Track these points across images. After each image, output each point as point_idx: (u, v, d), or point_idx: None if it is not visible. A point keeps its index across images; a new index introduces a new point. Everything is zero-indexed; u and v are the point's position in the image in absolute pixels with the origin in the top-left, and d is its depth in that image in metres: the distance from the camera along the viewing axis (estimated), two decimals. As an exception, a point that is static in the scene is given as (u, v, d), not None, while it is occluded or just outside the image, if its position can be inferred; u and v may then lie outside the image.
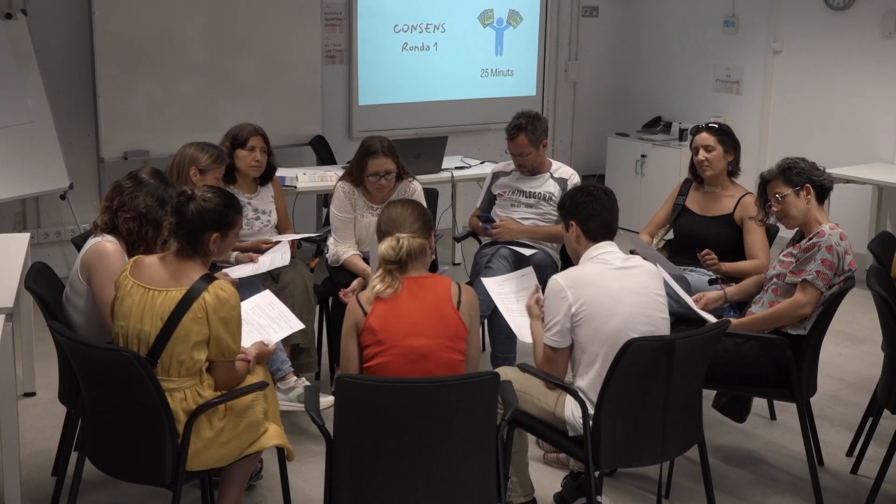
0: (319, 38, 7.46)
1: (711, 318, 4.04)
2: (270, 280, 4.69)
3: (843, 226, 4.02)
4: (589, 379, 3.42)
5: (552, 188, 5.07)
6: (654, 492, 3.95)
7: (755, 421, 4.68)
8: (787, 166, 4.04)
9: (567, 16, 8.85)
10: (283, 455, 3.45)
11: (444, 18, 8.12)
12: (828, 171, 4.19)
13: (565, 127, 9.05)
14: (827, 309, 3.93)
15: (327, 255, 4.93)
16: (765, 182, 4.10)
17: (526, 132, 5.03)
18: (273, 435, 3.39)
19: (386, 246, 3.29)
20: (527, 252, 4.98)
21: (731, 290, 4.33)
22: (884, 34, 7.27)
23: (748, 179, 5.24)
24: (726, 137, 4.78)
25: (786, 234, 4.33)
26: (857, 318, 5.81)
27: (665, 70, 8.83)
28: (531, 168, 5.15)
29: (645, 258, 4.15)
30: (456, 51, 8.23)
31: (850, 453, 4.42)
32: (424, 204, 4.44)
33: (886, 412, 4.03)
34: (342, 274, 4.80)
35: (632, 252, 4.34)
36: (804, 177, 4.00)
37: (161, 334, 3.17)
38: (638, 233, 5.01)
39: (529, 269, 4.33)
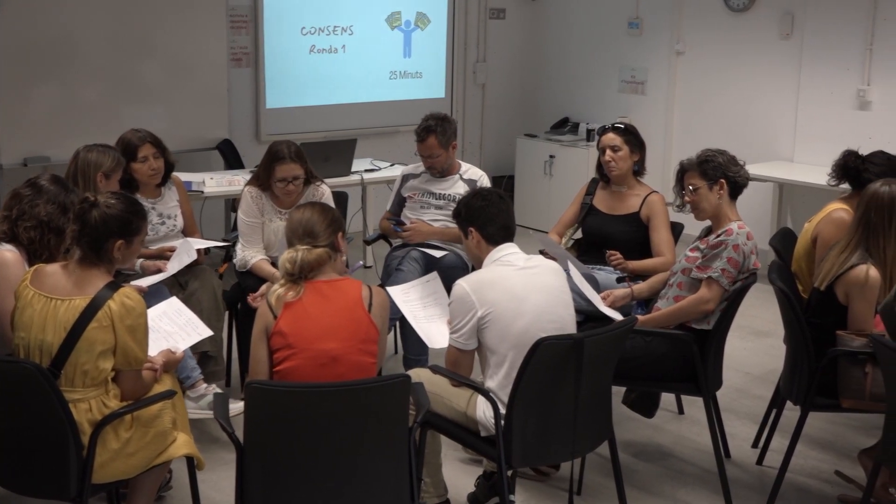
0: (225, 41, 7.37)
1: (618, 316, 4.10)
2: (178, 287, 4.61)
3: (745, 222, 4.11)
4: (499, 379, 3.44)
5: (462, 190, 5.08)
6: (566, 489, 3.98)
7: (664, 416, 4.76)
8: (705, 159, 4.09)
9: (475, 18, 8.90)
10: (192, 464, 3.40)
11: (351, 21, 8.09)
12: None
13: (474, 128, 9.10)
14: (731, 304, 4.01)
15: (235, 261, 4.87)
16: (683, 171, 4.16)
17: (435, 134, 5.05)
18: (182, 444, 3.34)
19: (284, 258, 3.29)
20: (437, 254, 4.99)
21: (639, 287, 4.40)
22: (781, 35, 7.47)
23: (654, 178, 5.35)
24: (632, 137, 4.85)
25: (692, 231, 4.42)
26: (760, 312, 5.96)
27: (572, 71, 8.93)
28: (441, 170, 5.16)
29: (554, 258, 4.21)
30: (364, 53, 8.21)
31: (755, 445, 4.52)
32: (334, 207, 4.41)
33: (789, 404, 4.14)
34: (250, 279, 4.74)
35: (541, 252, 4.40)
36: (720, 171, 4.06)
37: (64, 344, 3.10)
38: (547, 233, 5.05)
39: (434, 275, 4.33)
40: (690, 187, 4.08)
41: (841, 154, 4.56)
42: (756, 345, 5.84)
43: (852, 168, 4.47)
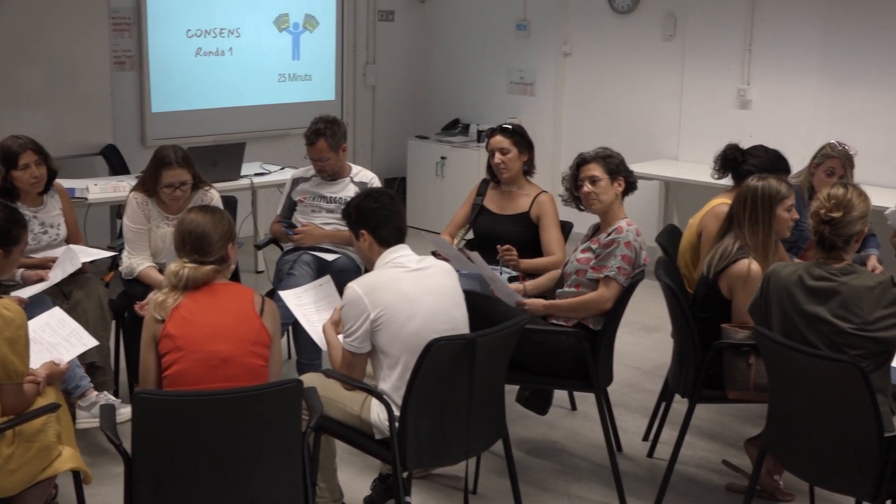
0: (107, 43, 7.20)
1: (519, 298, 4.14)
2: (62, 297, 4.48)
3: (633, 220, 4.19)
4: (392, 381, 3.43)
5: (353, 192, 5.05)
6: (462, 488, 4.00)
7: (557, 412, 4.82)
8: (608, 154, 4.16)
9: (363, 20, 8.87)
10: (79, 479, 3.31)
11: (238, 23, 7.99)
12: None
13: (365, 131, 9.07)
14: (620, 301, 4.08)
15: (121, 269, 4.76)
16: (583, 161, 4.17)
17: (325, 137, 5.02)
18: (67, 458, 3.25)
19: (170, 271, 3.24)
20: (329, 257, 4.96)
21: (530, 284, 4.44)
22: (665, 36, 7.64)
23: (543, 178, 5.40)
24: (520, 139, 4.89)
25: (581, 229, 4.48)
26: (648, 308, 6.08)
27: (462, 73, 8.98)
28: (331, 173, 5.13)
29: (447, 258, 4.23)
30: (252, 56, 8.11)
31: (646, 438, 4.61)
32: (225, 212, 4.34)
33: (678, 396, 4.23)
34: (137, 287, 4.64)
35: (433, 253, 4.40)
36: (621, 169, 4.14)
37: (-60, 358, 2.98)
38: (439, 233, 5.06)
39: (327, 278, 4.30)
40: (593, 176, 4.11)
41: (724, 147, 4.69)
42: (645, 340, 5.96)
43: (732, 160, 4.60)
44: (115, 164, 7.07)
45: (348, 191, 5.10)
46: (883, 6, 6.59)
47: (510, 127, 4.94)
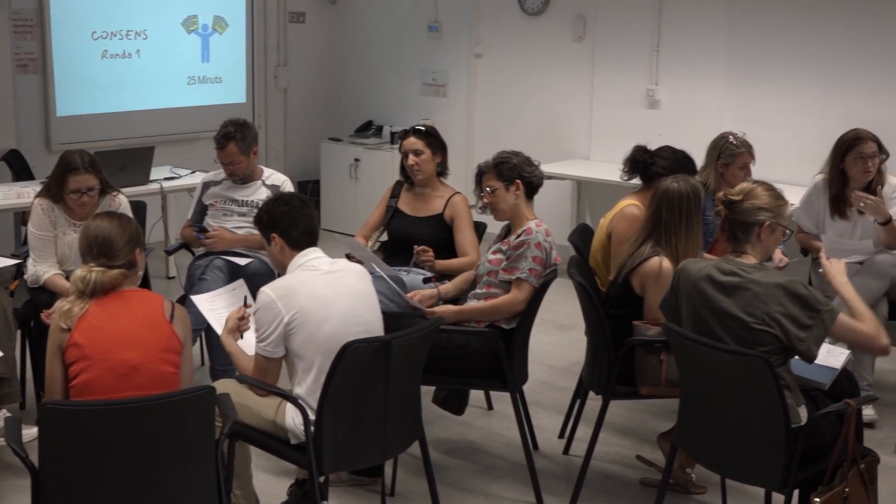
0: (9, 46, 7.02)
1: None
2: (-36, 307, 4.35)
3: (546, 220, 4.22)
4: (307, 385, 3.41)
5: (265, 196, 5.01)
6: (379, 491, 3.99)
7: (474, 412, 4.83)
8: (500, 160, 4.19)
9: (274, 21, 8.79)
10: (-17, 493, 3.22)
11: (145, 25, 7.85)
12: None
13: (277, 133, 8.99)
14: (533, 300, 4.11)
15: (27, 277, 4.64)
16: (480, 173, 4.24)
17: (235, 140, 4.97)
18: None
19: (76, 276, 3.17)
20: (242, 261, 4.91)
21: (445, 287, 4.45)
22: (574, 38, 7.72)
23: (457, 179, 5.42)
24: (433, 140, 4.90)
25: (494, 229, 4.50)
26: (562, 306, 6.14)
27: (374, 74, 8.96)
28: (243, 176, 5.08)
29: (360, 261, 4.22)
30: (160, 58, 7.98)
31: (561, 435, 4.65)
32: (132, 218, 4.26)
33: (592, 394, 4.28)
34: (43, 295, 4.52)
35: (347, 256, 4.39)
36: (515, 172, 4.16)
37: None
38: (353, 236, 5.04)
39: (240, 283, 4.26)
40: (488, 189, 4.17)
41: (632, 149, 4.76)
42: (560, 338, 6.02)
43: (641, 162, 4.66)
44: (19, 169, 6.90)
45: (260, 194, 5.05)
46: (784, 8, 6.75)
47: (423, 128, 4.94)
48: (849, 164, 4.93)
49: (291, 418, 3.40)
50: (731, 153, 4.97)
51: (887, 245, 4.94)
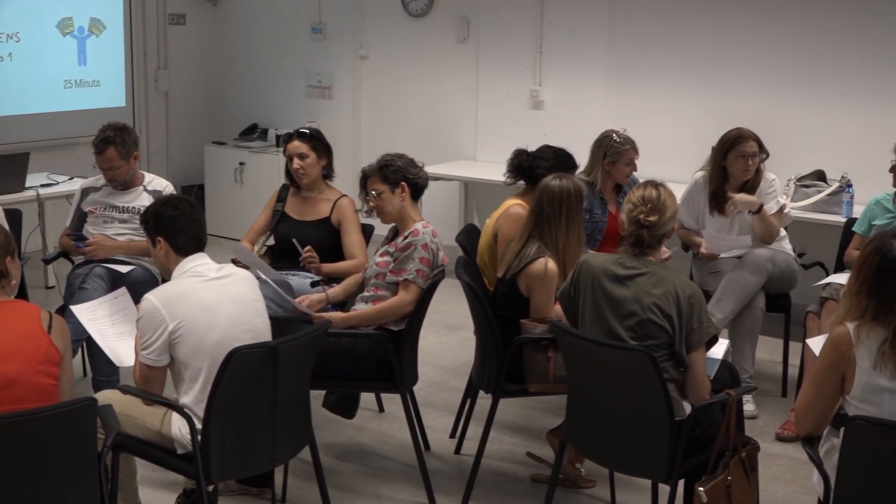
0: None
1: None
2: None
3: (433, 221, 4.24)
4: (194, 394, 3.35)
5: (147, 201, 4.90)
6: (269, 499, 3.95)
7: (365, 415, 4.82)
8: (384, 163, 4.19)
9: (153, 23, 8.61)
10: None
11: (17, 27, 7.58)
12: None
13: (159, 138, 8.80)
14: (422, 301, 4.12)
15: None
16: (365, 177, 4.24)
17: (114, 145, 4.86)
18: None
19: None
20: (123, 269, 4.80)
21: (334, 290, 4.42)
22: (459, 39, 7.76)
23: (344, 182, 5.40)
24: (318, 143, 4.87)
25: (382, 231, 4.50)
26: (451, 307, 6.16)
27: (258, 77, 8.85)
28: (123, 182, 4.97)
29: (247, 266, 4.16)
30: (34, 61, 7.72)
31: (453, 435, 4.68)
32: (6, 226, 4.12)
33: (482, 393, 4.31)
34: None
35: (233, 261, 4.33)
36: (400, 175, 4.17)
37: None
38: (239, 240, 4.97)
39: (123, 291, 4.15)
40: (373, 192, 4.17)
41: (512, 153, 4.82)
42: (449, 338, 6.04)
43: (526, 166, 4.72)
44: None
45: (142, 200, 4.94)
46: (663, 11, 6.91)
47: (308, 131, 4.91)
48: (731, 161, 5.07)
49: (178, 428, 3.33)
50: (616, 151, 5.09)
51: (762, 239, 5.10)
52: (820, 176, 6.19)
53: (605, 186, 5.13)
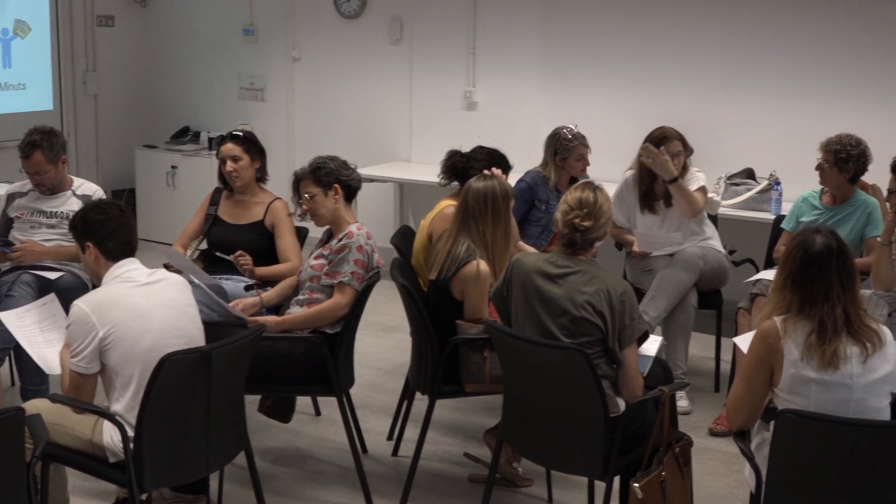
0: None
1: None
2: None
3: (368, 222, 4.23)
4: (126, 401, 3.30)
5: (76, 206, 4.81)
6: (206, 505, 3.92)
7: (301, 419, 4.79)
8: (317, 166, 4.18)
9: (81, 25, 8.46)
10: None
11: (-61, 30, 7.43)
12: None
13: (88, 141, 8.65)
14: (357, 303, 4.11)
15: None
16: (297, 180, 4.22)
17: (41, 149, 4.77)
18: None
19: None
20: (52, 275, 4.71)
21: (268, 294, 4.39)
22: (392, 41, 7.75)
23: (279, 185, 5.35)
24: (252, 146, 4.83)
25: (316, 234, 4.47)
26: (387, 308, 6.15)
27: (189, 79, 8.76)
28: (50, 186, 4.88)
29: (179, 270, 4.11)
30: (-43, 64, 7.57)
31: (390, 437, 4.67)
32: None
33: (419, 394, 4.31)
34: None
35: (165, 266, 4.27)
36: (333, 177, 4.16)
37: None
38: (171, 245, 4.92)
39: (52, 297, 4.07)
40: (307, 195, 4.15)
41: (446, 154, 4.84)
42: (386, 340, 6.03)
43: (460, 167, 4.74)
44: None
45: (70, 204, 4.86)
46: (594, 11, 6.97)
47: (241, 134, 4.88)
48: None
49: (109, 436, 3.28)
50: (565, 147, 5.26)
51: (685, 211, 5.11)
52: (749, 174, 6.30)
53: (560, 180, 5.26)
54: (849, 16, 6.22)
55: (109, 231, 3.44)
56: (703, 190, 5.16)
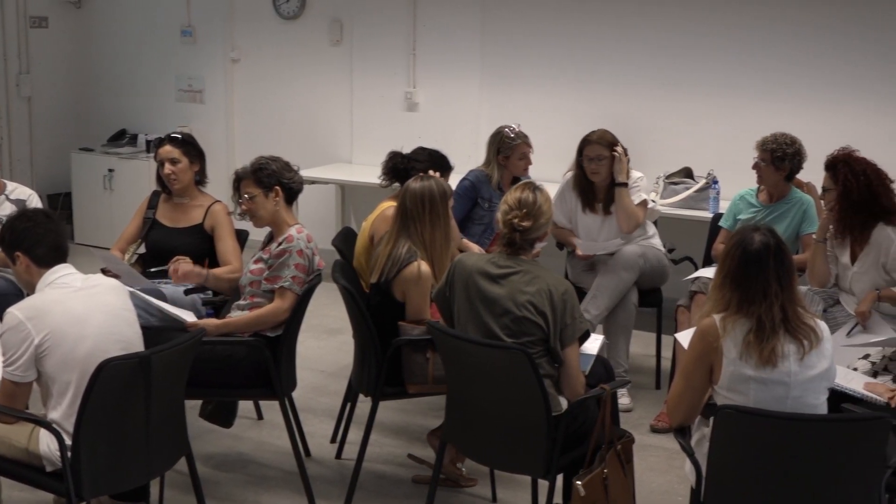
0: None
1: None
2: None
3: (311, 224, 4.20)
4: (63, 409, 3.24)
5: (9, 211, 4.73)
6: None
7: (243, 423, 4.75)
8: (259, 166, 4.15)
9: (13, 26, 8.29)
10: None
11: None
12: None
13: (22, 145, 8.48)
14: (299, 306, 4.08)
15: None
16: (238, 179, 4.19)
17: (-27, 153, 4.67)
18: None
19: None
20: (-15, 282, 4.62)
21: (214, 271, 4.39)
22: (332, 42, 7.72)
23: (218, 187, 5.30)
24: (190, 148, 4.78)
25: (257, 236, 4.44)
26: (330, 310, 6.13)
27: (126, 81, 8.63)
28: (-18, 191, 4.79)
29: (117, 275, 4.06)
30: None
31: (333, 440, 4.65)
32: None
33: (362, 396, 4.29)
34: None
35: (103, 270, 4.22)
36: (274, 178, 4.13)
37: None
38: (109, 249, 4.85)
39: None
40: (247, 195, 4.12)
41: (387, 156, 4.84)
42: (328, 343, 6.01)
43: (402, 168, 4.73)
44: None
45: (4, 209, 4.77)
46: (534, 11, 7.01)
47: (179, 136, 4.83)
48: (584, 163, 5.18)
49: (46, 444, 3.23)
50: (507, 146, 5.29)
51: (623, 222, 5.15)
52: (687, 173, 6.38)
53: (503, 179, 5.29)
54: (782, 16, 6.33)
55: (37, 237, 3.39)
56: (644, 204, 5.22)
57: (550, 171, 6.00)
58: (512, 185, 5.17)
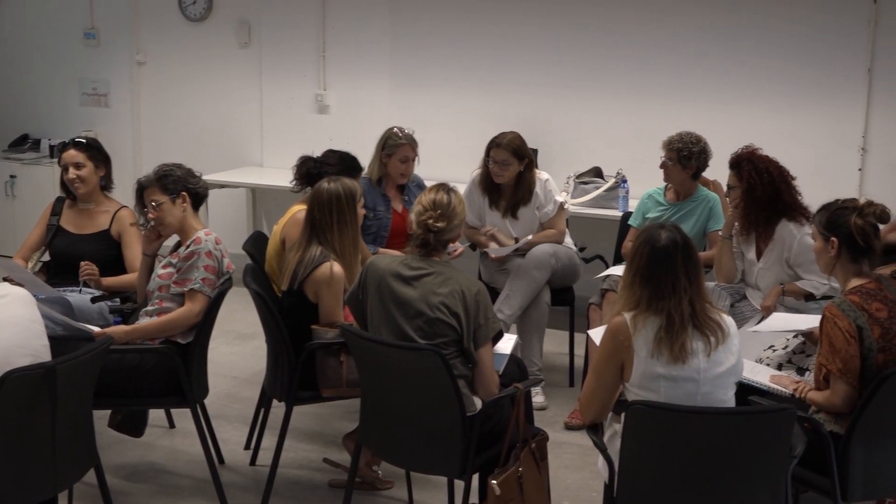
0: None
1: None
2: None
3: (222, 229, 4.16)
4: (-36, 423, 3.14)
5: None
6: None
7: (155, 432, 4.67)
8: (163, 174, 4.09)
9: None
10: None
11: None
12: (204, 177, 4.31)
13: (-80, 151, 8.23)
14: (210, 311, 4.03)
15: None
16: (142, 188, 4.12)
17: None
18: None
19: None
20: None
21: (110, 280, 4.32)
22: (240, 44, 7.63)
23: (124, 192, 5.19)
24: (95, 152, 4.71)
25: (166, 242, 4.36)
26: (241, 316, 6.05)
27: (28, 85, 8.41)
28: None
29: (21, 283, 3.95)
30: None
31: (247, 446, 4.60)
32: None
33: (276, 401, 4.25)
34: None
35: (6, 279, 4.11)
36: (180, 185, 4.08)
37: None
38: (12, 258, 4.72)
39: None
40: (153, 203, 4.06)
41: (298, 160, 4.81)
42: (241, 348, 5.94)
43: (314, 173, 4.70)
44: None
45: None
46: (442, 13, 7.03)
47: (84, 140, 4.75)
48: (489, 164, 5.22)
49: (-53, 460, 3.12)
50: (393, 144, 5.21)
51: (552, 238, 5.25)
52: (597, 172, 6.46)
53: (388, 185, 5.23)
54: (686, 19, 6.45)
55: None
56: (562, 207, 5.30)
57: (460, 172, 6.02)
58: (396, 192, 5.21)
